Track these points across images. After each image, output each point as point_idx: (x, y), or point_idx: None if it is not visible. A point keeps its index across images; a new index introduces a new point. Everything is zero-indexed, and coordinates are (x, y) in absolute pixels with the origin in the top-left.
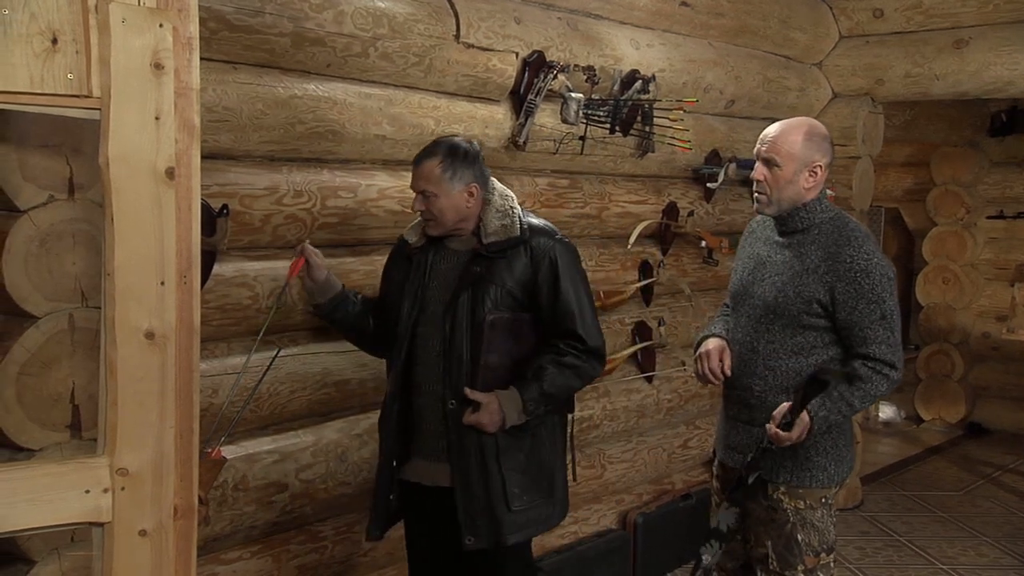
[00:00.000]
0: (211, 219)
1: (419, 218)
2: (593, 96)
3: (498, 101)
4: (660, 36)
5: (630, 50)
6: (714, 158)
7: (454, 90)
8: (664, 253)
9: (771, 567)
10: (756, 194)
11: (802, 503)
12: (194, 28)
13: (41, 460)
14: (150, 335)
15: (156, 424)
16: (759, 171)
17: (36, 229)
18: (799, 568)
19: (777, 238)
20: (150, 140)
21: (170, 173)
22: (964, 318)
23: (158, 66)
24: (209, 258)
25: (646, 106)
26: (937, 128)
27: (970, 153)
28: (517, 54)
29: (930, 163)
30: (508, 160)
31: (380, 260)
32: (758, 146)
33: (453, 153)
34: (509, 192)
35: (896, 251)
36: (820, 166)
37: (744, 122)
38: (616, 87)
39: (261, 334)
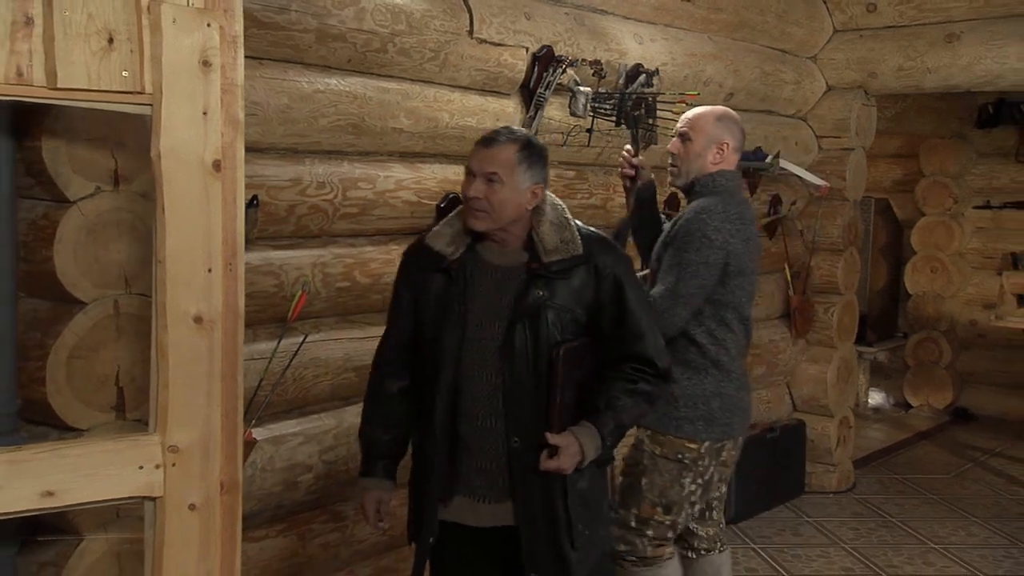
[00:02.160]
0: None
1: (442, 226)
2: (600, 90)
3: (508, 95)
4: (662, 31)
5: (634, 45)
6: None
7: (467, 84)
8: None
9: (616, 500)
10: (670, 166)
11: (659, 449)
12: (239, 27)
13: (97, 438)
14: (198, 319)
15: (204, 404)
16: (675, 145)
17: (84, 219)
18: (632, 511)
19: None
20: (198, 134)
21: (217, 165)
22: (951, 306)
23: (206, 64)
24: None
25: (649, 99)
26: (926, 120)
27: (958, 145)
28: (527, 49)
29: (919, 155)
30: None
31: (397, 250)
32: (678, 125)
33: (532, 144)
34: (560, 202)
35: (885, 241)
36: (727, 144)
37: (742, 115)
38: (621, 81)
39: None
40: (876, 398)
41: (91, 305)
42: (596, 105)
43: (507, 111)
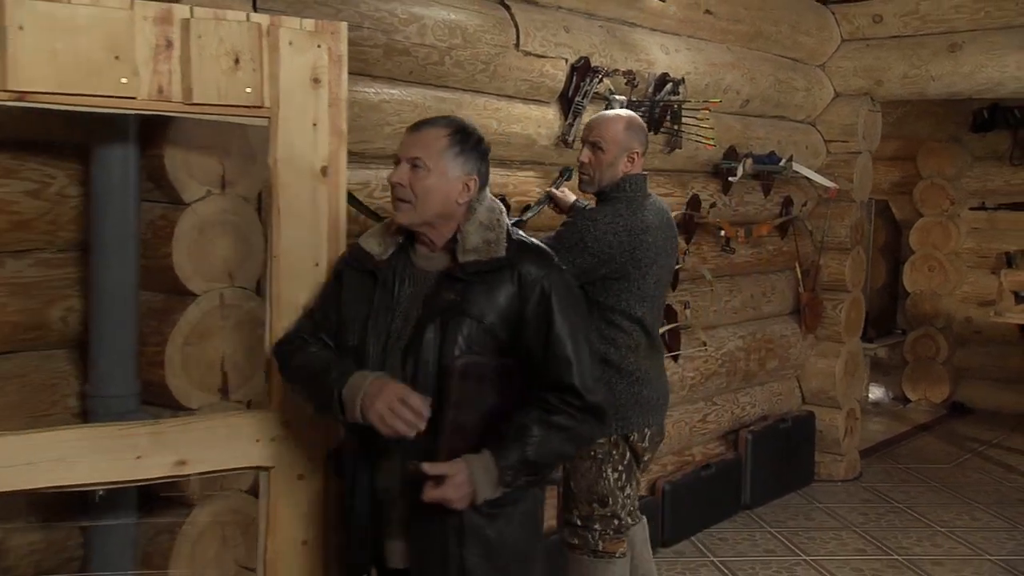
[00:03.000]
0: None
1: (380, 225)
2: (632, 98)
3: (548, 103)
4: (686, 41)
5: (661, 55)
6: (731, 154)
7: (512, 93)
8: (688, 242)
9: (559, 506)
10: (581, 175)
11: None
12: (343, 48)
13: (221, 414)
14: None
15: None
16: (585, 154)
17: (197, 219)
18: (574, 512)
19: None
20: (309, 143)
21: (324, 171)
22: (948, 304)
23: (316, 80)
24: None
25: (675, 106)
26: (924, 125)
27: (954, 148)
28: (566, 60)
29: (916, 158)
30: (556, 156)
31: None
32: (585, 133)
33: (466, 131)
34: (500, 205)
35: (884, 241)
36: (637, 153)
37: (757, 120)
38: (650, 89)
39: None
40: (876, 393)
41: (201, 297)
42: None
43: (547, 118)
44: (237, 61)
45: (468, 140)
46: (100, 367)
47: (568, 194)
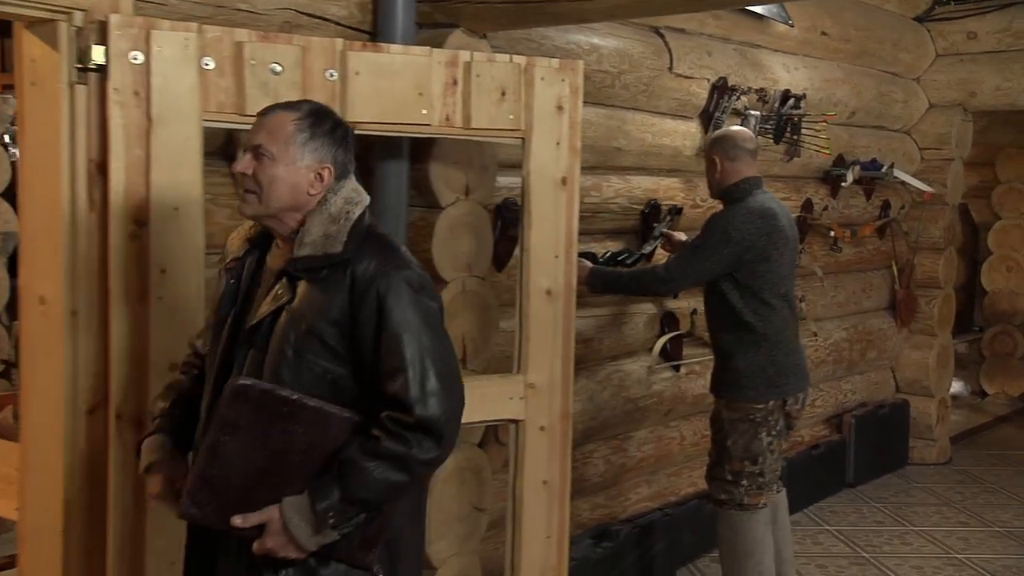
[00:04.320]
0: (516, 214)
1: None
2: (762, 113)
3: (692, 118)
4: (803, 60)
5: (783, 73)
6: (840, 161)
7: (665, 110)
8: (801, 241)
9: (710, 465)
10: (708, 184)
11: (734, 414)
12: (580, 81)
13: (483, 376)
14: (549, 292)
15: (550, 353)
16: (705, 167)
17: (449, 220)
18: (726, 467)
19: None
20: (553, 159)
21: (564, 181)
22: None
23: (560, 108)
24: (512, 243)
25: (795, 119)
26: (1006, 133)
27: None
28: (708, 80)
29: (995, 163)
30: (695, 165)
31: (614, 247)
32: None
33: (319, 115)
34: (363, 199)
35: (963, 242)
36: (717, 159)
37: (860, 130)
38: (776, 104)
39: None
40: (955, 386)
41: (450, 284)
42: (761, 126)
43: (691, 131)
44: (503, 94)
45: (320, 125)
46: None
47: (679, 234)
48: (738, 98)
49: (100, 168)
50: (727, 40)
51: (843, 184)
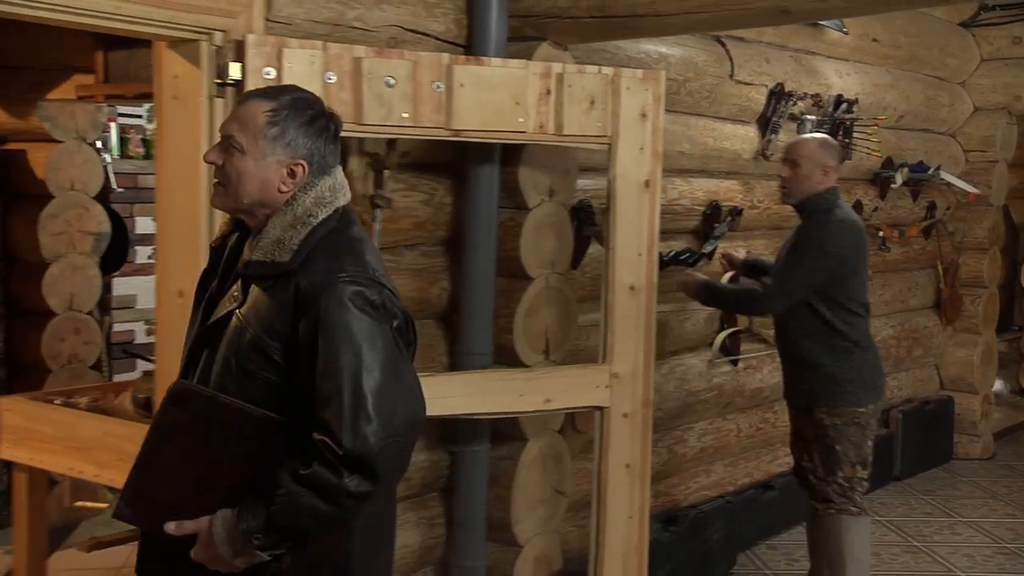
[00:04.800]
0: (591, 215)
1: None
2: (817, 118)
3: (750, 123)
4: (855, 66)
5: (836, 79)
6: (888, 164)
7: (725, 116)
8: None
9: (818, 474)
10: (782, 189)
11: (839, 420)
12: (662, 90)
13: (573, 366)
14: (632, 288)
15: (633, 345)
16: (784, 171)
17: (535, 220)
18: (838, 474)
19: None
20: (637, 163)
21: (647, 184)
22: None
23: (643, 115)
24: (586, 242)
25: (847, 123)
26: None
27: None
28: (766, 86)
29: None
30: (753, 167)
31: (676, 246)
32: (784, 153)
33: (295, 107)
34: (336, 199)
35: (1005, 242)
36: (831, 167)
37: (908, 133)
38: (830, 109)
39: None
40: (996, 385)
41: (535, 280)
42: (816, 130)
43: (749, 135)
44: (592, 103)
45: (296, 117)
46: (467, 332)
47: (738, 253)
48: (794, 103)
49: None
50: (784, 48)
51: (892, 186)
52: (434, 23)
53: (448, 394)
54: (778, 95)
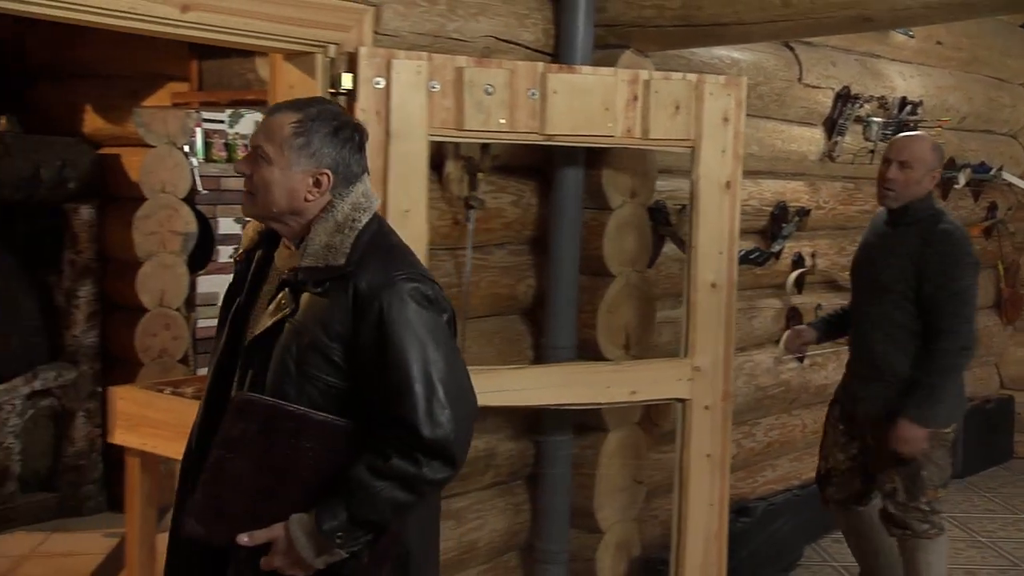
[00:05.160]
0: (665, 215)
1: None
2: (883, 120)
3: (816, 125)
4: (918, 69)
5: (900, 81)
6: (951, 165)
7: (793, 118)
8: None
9: (899, 499)
10: (886, 191)
11: (928, 444)
12: (743, 95)
13: (657, 360)
14: (714, 285)
15: (714, 340)
16: (893, 171)
17: (617, 221)
18: (921, 500)
19: (886, 229)
20: (719, 165)
21: (728, 185)
22: None
23: (725, 119)
24: (661, 241)
25: (912, 125)
26: None
27: None
28: (833, 89)
29: None
30: (818, 169)
31: (744, 245)
32: (893, 152)
33: (320, 118)
34: (372, 204)
35: None
36: (939, 172)
37: (969, 134)
38: (895, 111)
39: None
40: None
41: (617, 278)
42: (882, 132)
43: (816, 138)
44: (677, 108)
45: (320, 128)
46: (552, 327)
47: (807, 331)
48: (860, 106)
49: None
50: (849, 51)
51: (955, 186)
52: (525, 33)
53: (539, 385)
54: (844, 98)
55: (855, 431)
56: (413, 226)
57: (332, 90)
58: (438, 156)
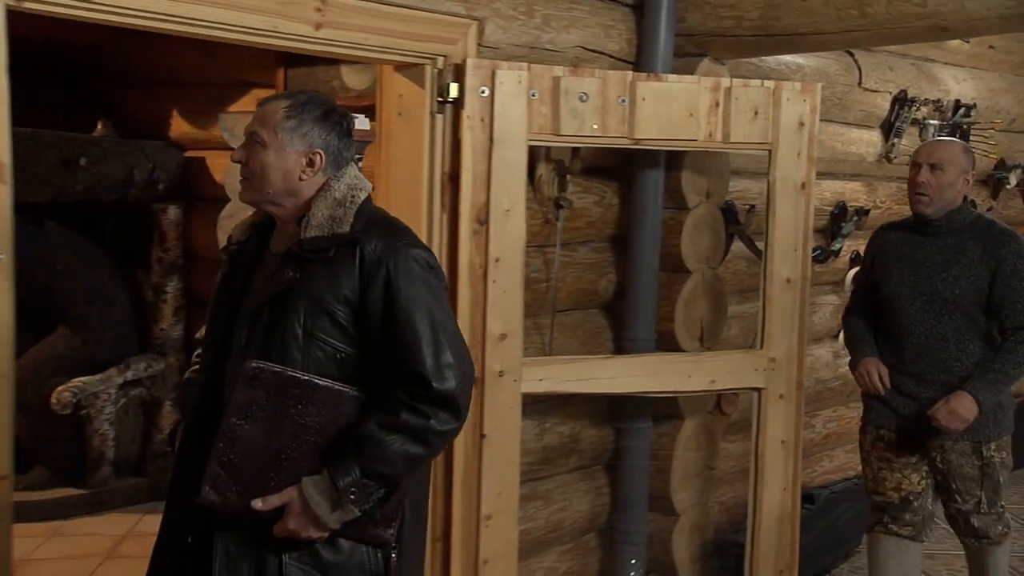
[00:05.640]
0: (735, 215)
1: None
2: (938, 122)
3: (874, 127)
4: (971, 72)
5: (954, 84)
6: (1001, 165)
7: (852, 121)
8: None
9: (982, 511)
10: (918, 196)
11: (1004, 452)
12: (817, 101)
13: (735, 351)
14: (789, 280)
15: (788, 332)
16: (924, 175)
17: (694, 220)
18: (998, 504)
19: (929, 240)
20: (795, 167)
21: (802, 186)
22: None
23: (801, 124)
24: (730, 239)
25: (965, 127)
26: None
27: None
28: (891, 93)
29: None
30: (876, 170)
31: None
32: (923, 156)
33: (309, 103)
34: (365, 184)
35: None
36: (972, 175)
37: (1020, 136)
38: (950, 114)
39: None
40: None
41: (693, 274)
42: (938, 134)
43: (873, 140)
44: (756, 113)
45: (310, 111)
46: (633, 320)
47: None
48: (917, 108)
49: (452, 178)
50: (905, 56)
51: (1007, 186)
52: (610, 43)
53: (626, 374)
54: (901, 101)
55: (922, 452)
56: (513, 224)
57: (440, 98)
58: (531, 160)
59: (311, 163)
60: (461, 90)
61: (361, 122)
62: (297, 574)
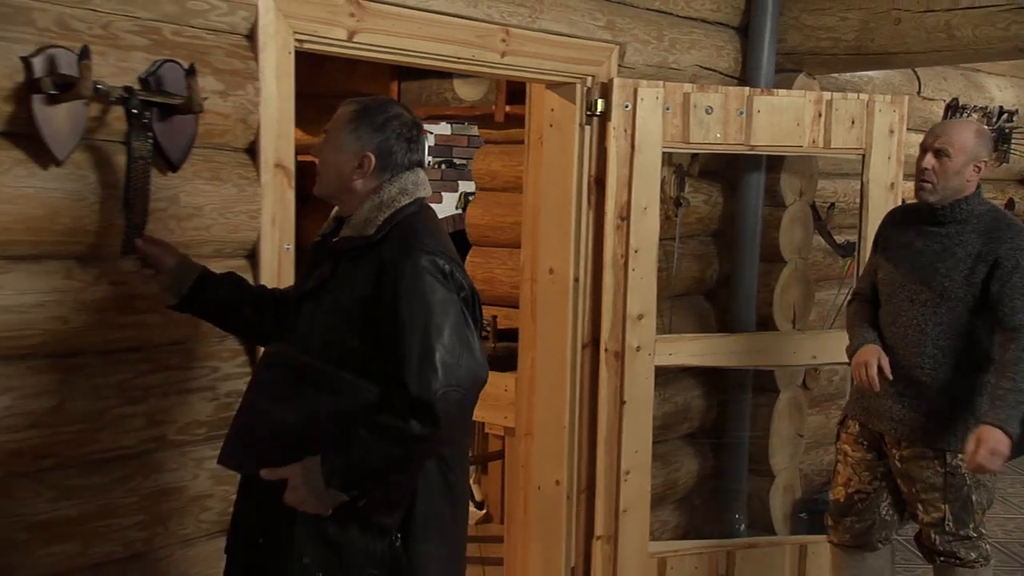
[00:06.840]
0: (816, 212)
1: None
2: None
3: None
4: (1011, 80)
5: (997, 92)
6: None
7: (911, 127)
8: None
9: (947, 528)
10: (922, 183)
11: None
12: (905, 111)
13: (828, 330)
14: None
15: None
16: (928, 160)
17: (790, 215)
18: (970, 526)
19: (930, 228)
20: (885, 170)
21: (892, 186)
22: None
23: (891, 131)
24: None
25: (1007, 130)
26: None
27: None
28: (944, 101)
29: None
30: None
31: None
32: (929, 139)
33: (372, 112)
34: (419, 192)
35: None
36: (984, 162)
37: None
38: (995, 119)
39: None
40: None
41: (788, 263)
42: None
43: None
44: (853, 122)
45: (371, 116)
46: (737, 305)
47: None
48: (969, 115)
49: (597, 181)
50: (955, 67)
51: None
52: (721, 61)
53: (738, 351)
54: (953, 108)
55: (882, 451)
56: (649, 220)
57: (588, 112)
58: (663, 165)
59: (361, 165)
60: (607, 105)
61: (442, 128)
62: (303, 543)
